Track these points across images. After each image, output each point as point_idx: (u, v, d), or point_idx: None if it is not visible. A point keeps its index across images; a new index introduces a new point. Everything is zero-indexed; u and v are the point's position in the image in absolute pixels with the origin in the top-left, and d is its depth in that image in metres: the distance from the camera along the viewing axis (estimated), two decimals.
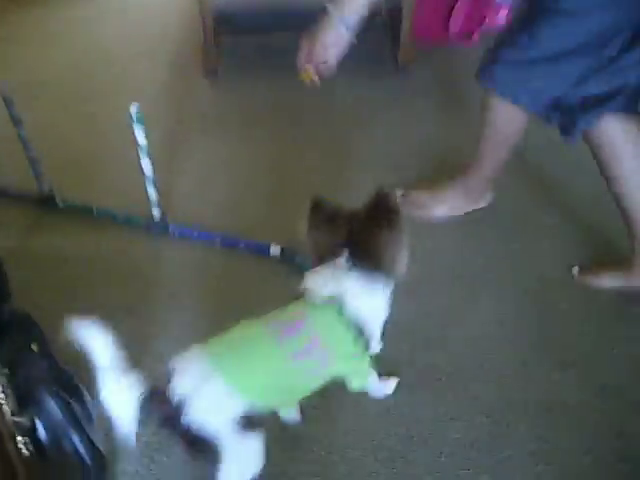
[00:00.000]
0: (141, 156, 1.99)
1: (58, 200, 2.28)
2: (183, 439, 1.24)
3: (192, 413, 1.18)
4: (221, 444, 1.22)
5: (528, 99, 1.85)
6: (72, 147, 2.64)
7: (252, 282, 1.98)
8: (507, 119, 1.97)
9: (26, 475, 1.17)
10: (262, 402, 1.27)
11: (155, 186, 2.07)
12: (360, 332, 1.34)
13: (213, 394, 1.20)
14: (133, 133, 1.91)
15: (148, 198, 2.09)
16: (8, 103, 2.06)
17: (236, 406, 1.21)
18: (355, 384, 1.44)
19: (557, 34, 1.68)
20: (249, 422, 1.23)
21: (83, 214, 2.24)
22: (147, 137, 1.95)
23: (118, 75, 3.14)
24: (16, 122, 2.10)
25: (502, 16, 3.10)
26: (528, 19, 1.73)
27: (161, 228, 2.15)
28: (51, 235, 2.18)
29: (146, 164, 2.00)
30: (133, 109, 1.89)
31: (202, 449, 1.24)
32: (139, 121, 1.91)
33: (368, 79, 2.96)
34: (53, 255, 2.09)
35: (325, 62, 1.69)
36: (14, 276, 1.40)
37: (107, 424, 1.19)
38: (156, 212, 2.12)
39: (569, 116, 1.80)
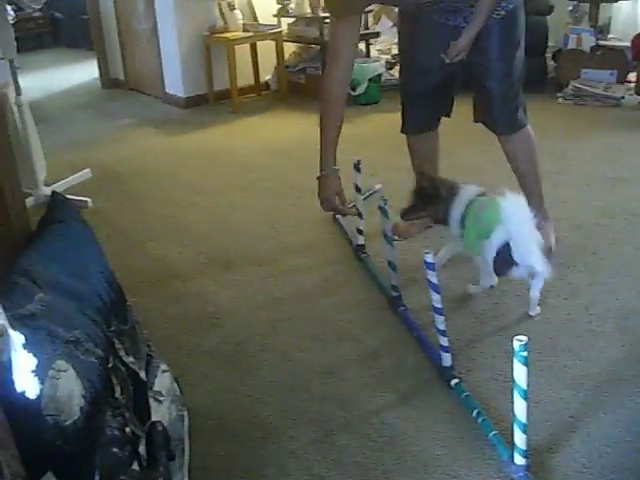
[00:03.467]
0: (516, 397, 1.83)
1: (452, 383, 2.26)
2: None
3: None
4: None
5: None
6: None
7: None
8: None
9: None
10: None
11: (526, 432, 1.86)
12: None
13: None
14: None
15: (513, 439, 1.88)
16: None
17: None
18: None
19: None
20: None
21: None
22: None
23: None
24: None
25: None
26: None
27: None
28: None
29: (521, 407, 1.83)
30: (516, 343, 1.76)
31: None
32: (521, 358, 1.77)
33: None
34: None
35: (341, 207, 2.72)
36: None
37: None
38: (519, 460, 1.90)
39: None
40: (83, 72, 8.28)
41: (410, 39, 3.10)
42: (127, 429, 1.49)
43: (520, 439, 1.85)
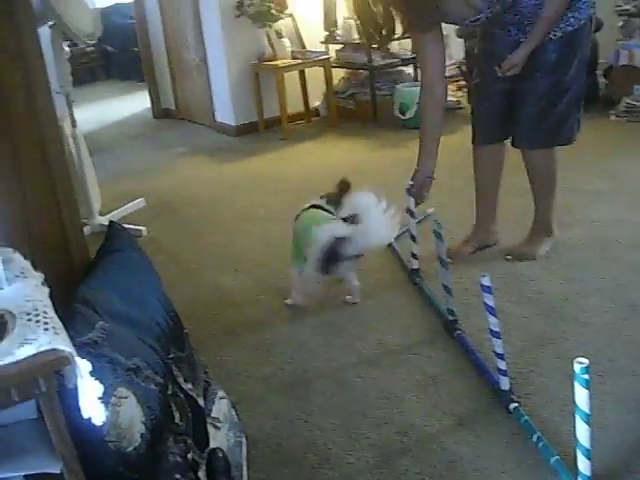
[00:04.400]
0: (578, 421, 1.80)
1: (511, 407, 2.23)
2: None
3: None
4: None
5: None
6: None
7: None
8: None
9: None
10: None
11: (589, 457, 1.83)
12: None
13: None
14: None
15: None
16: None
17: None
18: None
19: None
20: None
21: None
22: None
23: None
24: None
25: None
26: None
27: None
28: None
29: (583, 431, 1.79)
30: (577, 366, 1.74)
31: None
32: (582, 381, 1.75)
33: None
34: None
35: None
36: None
37: None
38: None
39: None
40: (135, 103, 8.47)
41: (479, 48, 3.25)
42: (189, 455, 1.51)
43: (583, 465, 1.82)
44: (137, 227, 4.13)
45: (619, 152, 4.78)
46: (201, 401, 1.95)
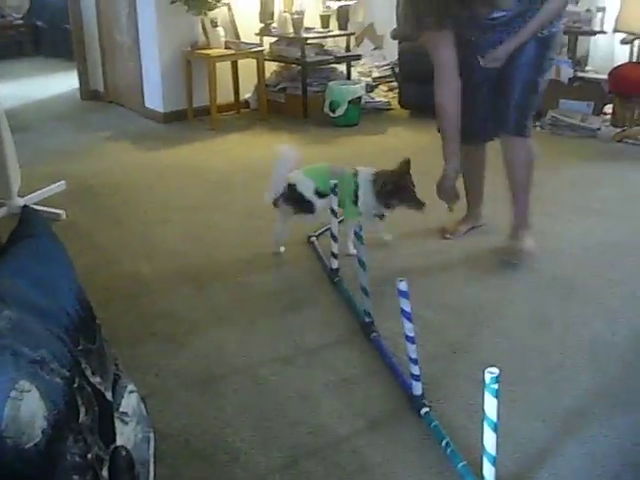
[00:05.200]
0: (486, 429, 1.80)
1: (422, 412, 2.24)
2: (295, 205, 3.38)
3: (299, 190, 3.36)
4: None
5: None
6: None
7: None
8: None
9: None
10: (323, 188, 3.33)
11: (495, 464, 1.84)
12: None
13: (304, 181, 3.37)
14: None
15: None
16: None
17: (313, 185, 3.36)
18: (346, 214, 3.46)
19: None
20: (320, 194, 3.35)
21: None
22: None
23: None
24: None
25: None
26: None
27: None
28: None
29: (490, 439, 1.81)
30: (488, 376, 1.75)
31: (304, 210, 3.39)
32: (491, 391, 1.76)
33: None
34: None
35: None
36: None
37: None
38: None
39: None
40: (63, 82, 8.21)
41: (463, 54, 3.24)
42: (89, 455, 1.45)
43: (489, 471, 1.83)
44: (55, 210, 4.01)
45: (541, 163, 4.84)
46: (109, 395, 1.88)
